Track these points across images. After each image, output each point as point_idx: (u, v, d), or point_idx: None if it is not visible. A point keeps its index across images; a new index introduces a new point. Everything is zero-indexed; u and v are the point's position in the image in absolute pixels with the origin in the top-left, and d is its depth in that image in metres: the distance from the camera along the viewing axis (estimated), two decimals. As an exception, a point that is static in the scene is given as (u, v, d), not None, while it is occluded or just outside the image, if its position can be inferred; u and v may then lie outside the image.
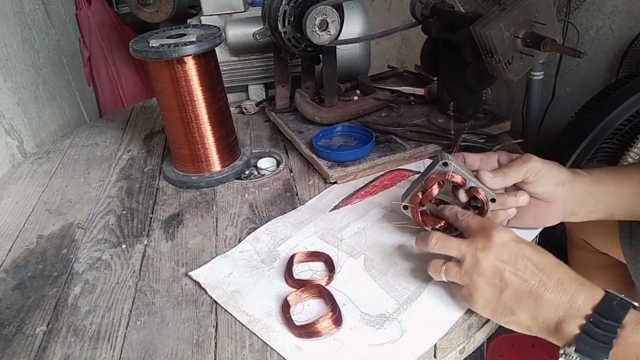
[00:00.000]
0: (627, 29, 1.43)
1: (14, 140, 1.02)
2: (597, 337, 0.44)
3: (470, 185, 0.58)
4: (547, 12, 0.72)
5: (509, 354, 1.32)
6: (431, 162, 0.60)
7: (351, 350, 0.51)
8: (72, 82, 1.40)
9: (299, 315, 0.55)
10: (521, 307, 0.49)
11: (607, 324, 0.44)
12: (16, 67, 1.09)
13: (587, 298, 0.46)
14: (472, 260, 0.51)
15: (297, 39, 0.89)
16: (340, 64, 0.96)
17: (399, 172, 0.81)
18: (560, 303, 0.47)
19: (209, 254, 0.67)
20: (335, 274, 0.60)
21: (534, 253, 0.50)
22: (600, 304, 0.46)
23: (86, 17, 1.55)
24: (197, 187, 0.83)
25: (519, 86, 1.66)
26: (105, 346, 0.54)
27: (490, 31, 0.70)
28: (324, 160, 0.82)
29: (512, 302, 0.49)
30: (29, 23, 1.20)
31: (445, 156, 0.58)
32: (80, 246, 0.71)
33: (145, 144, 1.01)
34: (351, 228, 0.69)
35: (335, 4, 0.84)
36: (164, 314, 0.58)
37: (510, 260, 0.49)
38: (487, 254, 0.50)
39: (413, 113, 0.96)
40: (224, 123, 0.83)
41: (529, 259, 0.49)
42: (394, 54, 1.93)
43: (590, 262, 0.99)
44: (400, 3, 1.82)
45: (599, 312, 0.45)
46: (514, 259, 0.49)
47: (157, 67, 0.76)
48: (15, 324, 0.58)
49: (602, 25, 1.46)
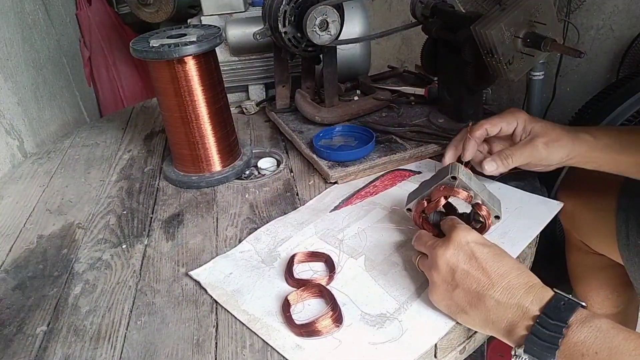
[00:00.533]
0: (627, 29, 1.43)
1: (14, 140, 1.02)
2: (544, 338, 0.44)
3: (476, 202, 0.58)
4: (547, 12, 0.72)
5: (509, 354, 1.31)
6: (443, 167, 0.61)
7: (351, 349, 0.51)
8: (73, 82, 1.40)
9: (300, 314, 0.55)
10: (472, 308, 0.50)
11: (553, 324, 0.44)
12: (16, 67, 1.09)
13: (535, 300, 0.47)
14: (431, 257, 0.54)
15: (298, 39, 0.89)
16: (341, 64, 0.96)
17: (399, 172, 0.81)
18: (508, 306, 0.47)
19: (209, 254, 0.67)
20: (335, 274, 0.60)
21: (488, 257, 0.50)
22: (546, 305, 0.46)
23: (86, 17, 1.55)
24: (198, 187, 0.83)
25: (519, 86, 1.65)
26: (106, 346, 0.54)
27: (491, 31, 0.70)
28: (324, 160, 0.82)
29: (464, 301, 0.50)
30: (29, 23, 1.20)
31: (456, 168, 0.58)
32: (81, 246, 0.71)
33: (146, 144, 1.01)
34: (351, 229, 0.69)
35: (335, 4, 0.84)
36: (164, 314, 0.58)
37: (463, 261, 0.51)
38: (443, 252, 0.52)
39: (413, 113, 0.96)
40: (224, 123, 0.83)
41: (480, 262, 0.50)
42: (394, 54, 1.92)
43: (588, 263, 0.99)
44: (400, 3, 1.82)
45: (546, 313, 0.45)
46: (467, 260, 0.51)
47: (157, 67, 0.76)
48: (15, 324, 0.58)
49: (602, 25, 1.46)
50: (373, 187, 0.78)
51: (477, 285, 0.49)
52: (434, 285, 0.53)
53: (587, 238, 0.92)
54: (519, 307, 0.47)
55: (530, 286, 0.48)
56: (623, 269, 0.84)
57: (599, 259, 0.93)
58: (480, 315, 0.49)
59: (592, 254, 0.94)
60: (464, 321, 0.52)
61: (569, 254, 1.03)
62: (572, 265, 1.04)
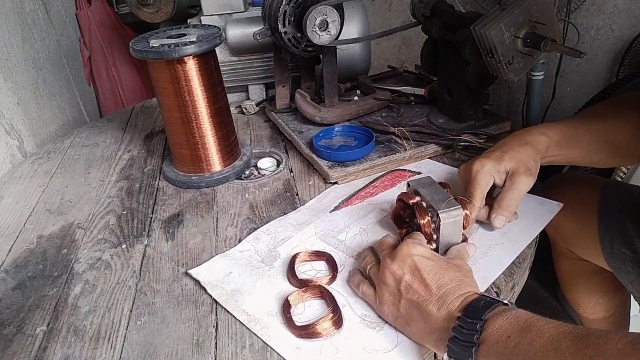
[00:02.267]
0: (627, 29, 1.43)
1: (14, 140, 1.02)
2: (463, 337, 0.44)
3: (420, 204, 0.59)
4: (547, 12, 0.72)
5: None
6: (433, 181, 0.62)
7: (351, 352, 0.51)
8: (72, 82, 1.40)
9: (300, 315, 0.55)
10: (413, 319, 0.50)
11: (470, 323, 0.45)
12: (16, 67, 1.09)
13: (460, 305, 0.47)
14: (381, 268, 0.54)
15: (298, 39, 0.89)
16: (341, 64, 0.96)
17: (399, 172, 0.81)
18: (439, 316, 0.48)
19: (209, 254, 0.67)
20: (338, 273, 0.60)
21: (431, 270, 0.51)
22: (467, 306, 0.46)
23: (86, 17, 1.55)
24: (197, 187, 0.83)
25: (519, 86, 1.66)
26: (106, 346, 0.54)
27: (491, 31, 0.70)
28: (324, 160, 0.82)
29: (406, 313, 0.51)
30: (29, 23, 1.20)
31: (413, 182, 0.61)
32: (81, 246, 0.71)
33: (146, 144, 1.01)
34: (352, 229, 0.69)
35: (335, 4, 0.84)
36: (164, 314, 0.58)
37: (406, 273, 0.51)
38: (389, 264, 0.53)
39: (413, 113, 0.96)
40: (224, 123, 0.83)
41: (422, 274, 0.50)
42: (394, 54, 1.92)
43: (576, 269, 0.98)
44: (400, 3, 1.82)
45: (465, 314, 0.46)
46: (411, 272, 0.51)
47: (157, 67, 0.76)
48: (15, 324, 0.58)
49: (602, 25, 1.46)
50: (373, 188, 0.78)
51: (417, 297, 0.50)
52: (382, 297, 0.53)
53: (572, 246, 0.92)
54: (447, 315, 0.47)
55: (464, 294, 0.48)
56: (611, 273, 0.83)
57: (586, 265, 0.93)
58: (420, 327, 0.49)
59: (579, 260, 0.93)
60: (408, 334, 0.52)
61: (556, 262, 1.03)
62: (561, 272, 1.03)
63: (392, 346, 0.51)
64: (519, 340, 0.42)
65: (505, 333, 0.43)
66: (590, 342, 0.38)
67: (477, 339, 0.44)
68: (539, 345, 0.40)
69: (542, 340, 0.41)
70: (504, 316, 0.44)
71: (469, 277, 0.52)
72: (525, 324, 0.42)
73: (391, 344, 0.51)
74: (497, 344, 0.43)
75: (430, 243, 0.58)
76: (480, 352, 0.44)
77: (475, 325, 0.44)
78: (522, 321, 0.43)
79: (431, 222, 0.58)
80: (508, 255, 0.62)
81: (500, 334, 0.43)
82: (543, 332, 0.41)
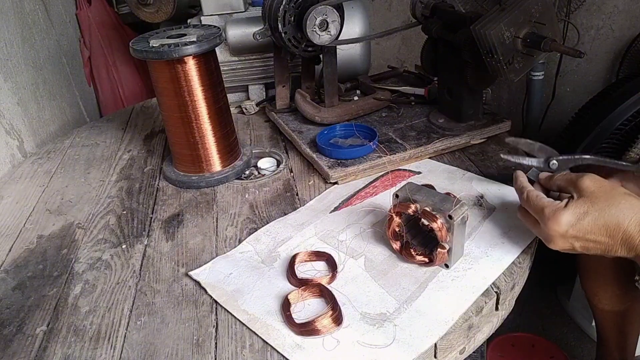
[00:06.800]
0: (627, 29, 1.43)
1: (14, 140, 1.02)
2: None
3: (423, 210, 0.58)
4: (547, 12, 0.72)
5: (509, 354, 1.32)
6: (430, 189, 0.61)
7: (351, 348, 0.51)
8: (72, 82, 1.40)
9: (299, 313, 0.55)
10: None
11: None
12: (16, 67, 1.09)
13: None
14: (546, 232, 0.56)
15: (298, 39, 0.89)
16: (341, 64, 0.96)
17: (399, 172, 0.81)
18: None
19: (209, 254, 0.67)
20: (337, 272, 0.60)
21: (594, 225, 0.53)
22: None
23: (86, 17, 1.55)
24: (197, 187, 0.83)
25: (519, 86, 1.66)
26: (106, 346, 0.54)
27: (491, 31, 0.70)
28: (324, 160, 0.82)
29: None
30: (29, 23, 1.20)
31: (406, 188, 0.60)
32: (81, 246, 0.71)
33: (146, 144, 1.01)
34: (351, 230, 0.69)
35: (335, 4, 0.84)
36: (164, 314, 0.58)
37: (578, 245, 0.56)
38: (556, 243, 0.56)
39: (413, 113, 0.96)
40: (224, 123, 0.83)
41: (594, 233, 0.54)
42: (394, 54, 1.93)
43: (595, 258, 0.98)
44: (400, 3, 1.82)
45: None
46: (579, 242, 0.55)
47: (157, 67, 0.76)
48: (15, 324, 0.58)
49: (602, 25, 1.46)
50: (373, 188, 0.78)
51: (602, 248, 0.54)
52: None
53: None
54: None
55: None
56: (630, 266, 0.83)
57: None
58: None
59: None
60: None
61: None
62: (581, 261, 1.04)
63: (390, 341, 0.51)
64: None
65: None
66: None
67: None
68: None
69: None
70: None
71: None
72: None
73: (390, 339, 0.51)
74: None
75: (442, 246, 0.57)
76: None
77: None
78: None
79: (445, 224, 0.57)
80: (508, 255, 0.62)
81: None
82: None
